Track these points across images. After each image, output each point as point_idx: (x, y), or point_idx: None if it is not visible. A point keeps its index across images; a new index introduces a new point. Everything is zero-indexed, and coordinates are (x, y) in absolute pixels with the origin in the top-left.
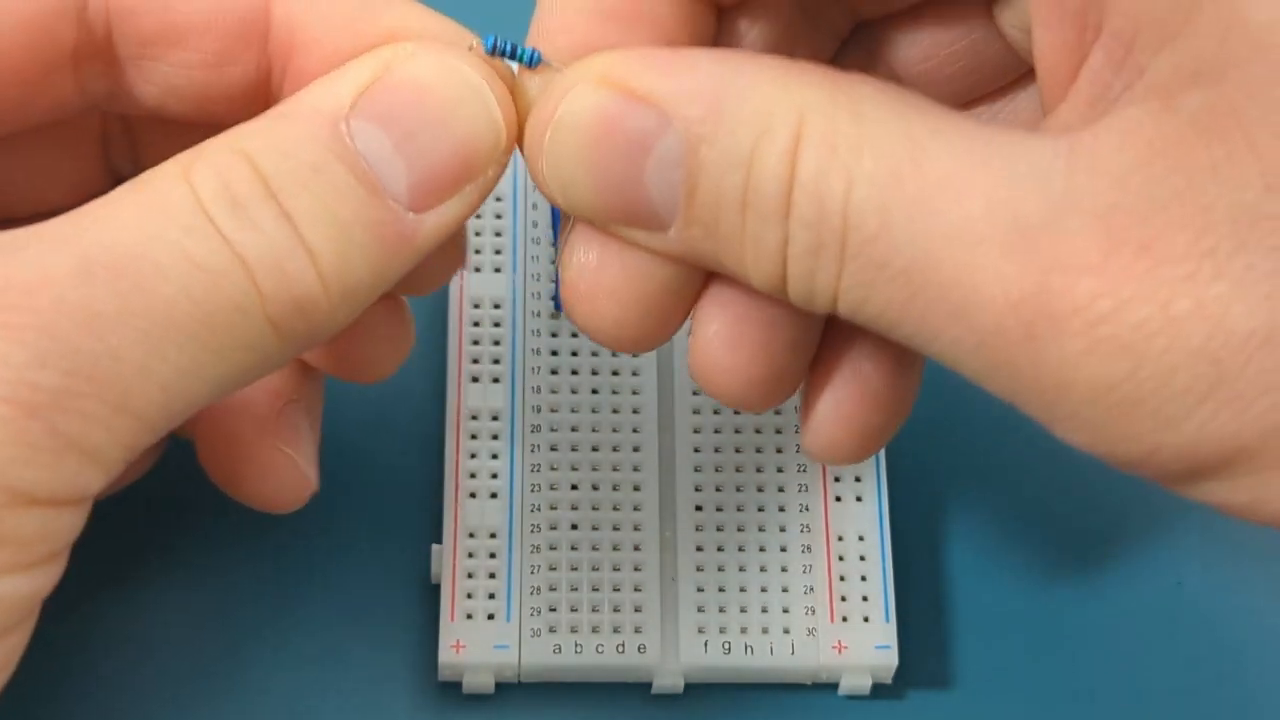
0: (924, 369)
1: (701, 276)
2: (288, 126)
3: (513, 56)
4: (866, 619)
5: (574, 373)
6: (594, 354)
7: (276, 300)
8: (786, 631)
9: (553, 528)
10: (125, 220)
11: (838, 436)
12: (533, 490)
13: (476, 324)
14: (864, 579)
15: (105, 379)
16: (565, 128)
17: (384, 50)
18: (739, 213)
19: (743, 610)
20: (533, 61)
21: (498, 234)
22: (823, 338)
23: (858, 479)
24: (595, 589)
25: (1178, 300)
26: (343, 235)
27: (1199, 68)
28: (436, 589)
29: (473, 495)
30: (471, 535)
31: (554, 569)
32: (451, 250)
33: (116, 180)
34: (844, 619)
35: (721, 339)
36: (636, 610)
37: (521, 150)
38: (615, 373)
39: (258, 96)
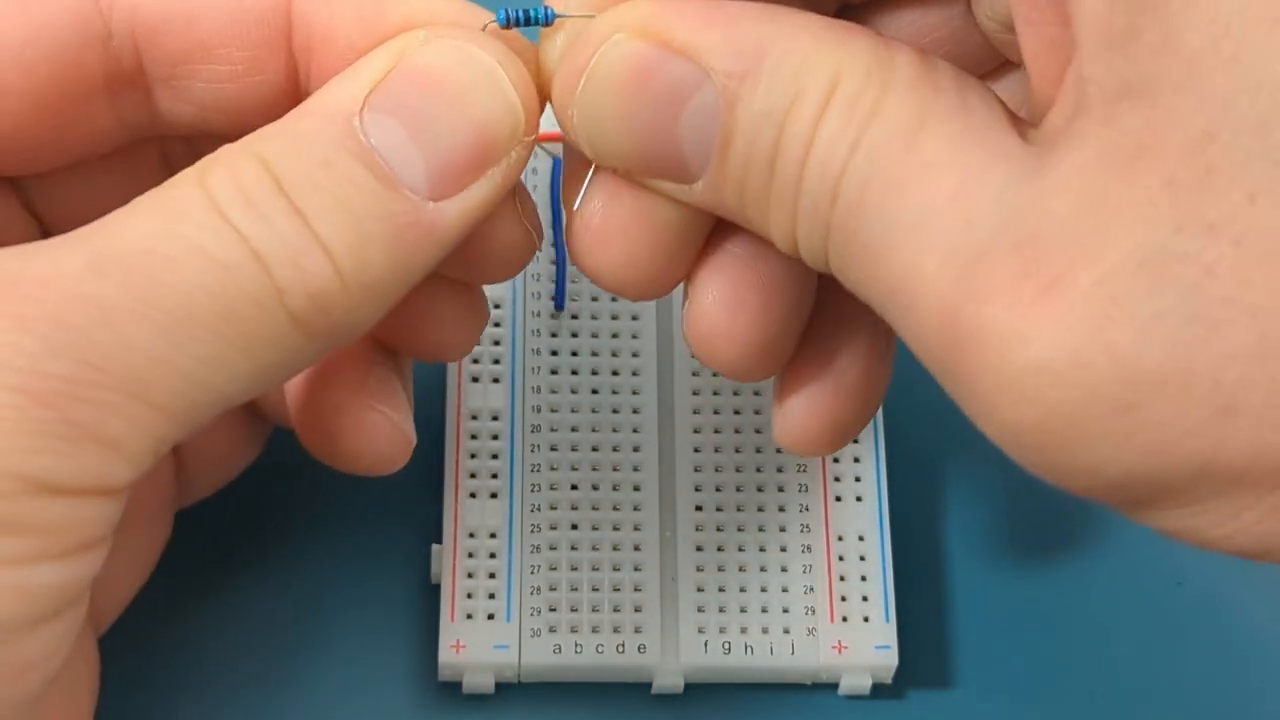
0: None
1: (712, 222)
2: (301, 126)
3: (528, 23)
4: (866, 619)
5: (574, 373)
6: (594, 354)
7: (294, 295)
8: (786, 631)
9: (553, 528)
10: (139, 221)
11: (810, 428)
12: (533, 490)
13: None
14: (864, 579)
15: (120, 369)
16: (599, 77)
17: (397, 40)
18: (767, 171)
19: (743, 610)
20: (549, 19)
21: None
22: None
23: (858, 479)
24: (595, 589)
25: (1085, 348)
26: (357, 229)
27: (1135, 84)
28: (436, 589)
29: (473, 495)
30: (471, 535)
31: (554, 569)
32: (515, 232)
33: None
34: (844, 619)
35: (720, 304)
36: (636, 610)
37: (551, 101)
38: (615, 373)
39: (291, 100)
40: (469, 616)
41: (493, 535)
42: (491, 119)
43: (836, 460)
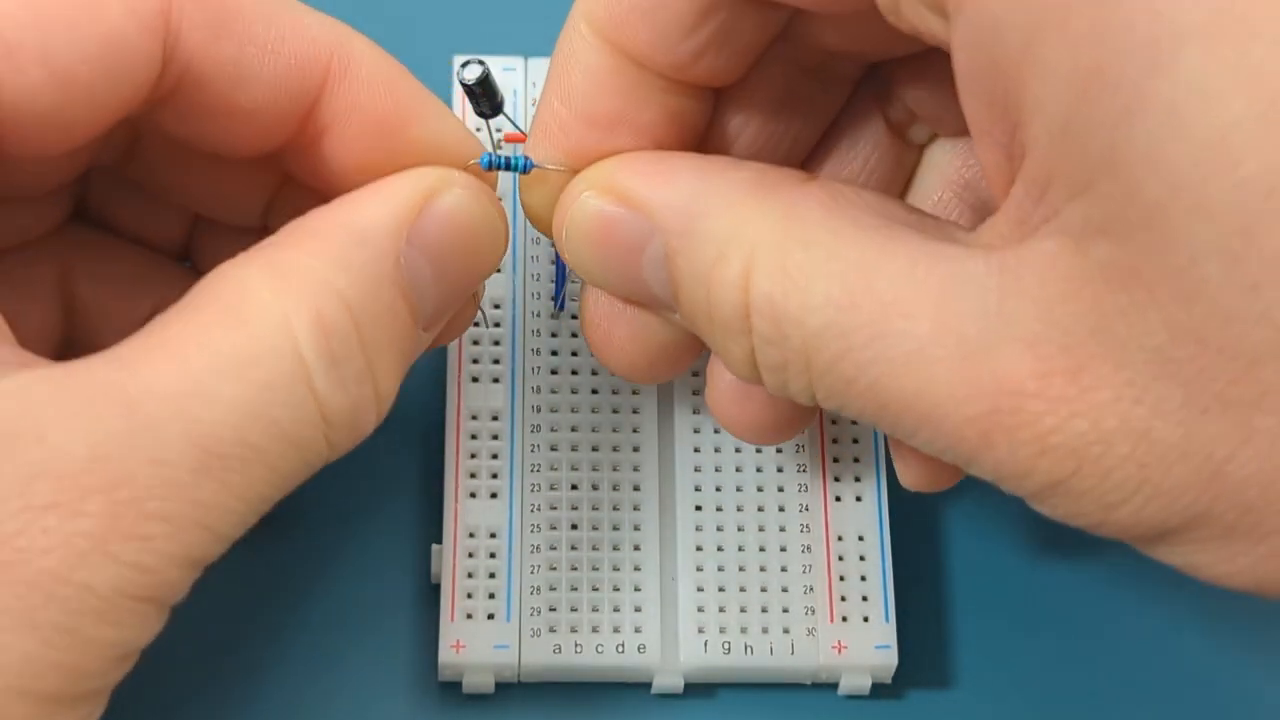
0: None
1: None
2: (361, 258)
3: (508, 168)
4: (866, 619)
5: (574, 373)
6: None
7: (341, 440)
8: (786, 631)
9: (552, 527)
10: (230, 389)
11: (924, 473)
12: (533, 490)
13: (476, 324)
14: (864, 579)
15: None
16: (575, 229)
17: (426, 176)
18: (709, 321)
19: (742, 610)
20: (527, 169)
21: None
22: None
23: (858, 479)
24: (595, 589)
25: (1106, 419)
26: (397, 367)
27: (1104, 225)
28: (437, 589)
29: (473, 495)
30: (471, 535)
31: (554, 569)
32: (465, 317)
33: None
34: (844, 619)
35: (731, 394)
36: (636, 610)
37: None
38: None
39: (278, 146)
40: (469, 616)
41: (493, 535)
42: (491, 268)
43: (836, 460)
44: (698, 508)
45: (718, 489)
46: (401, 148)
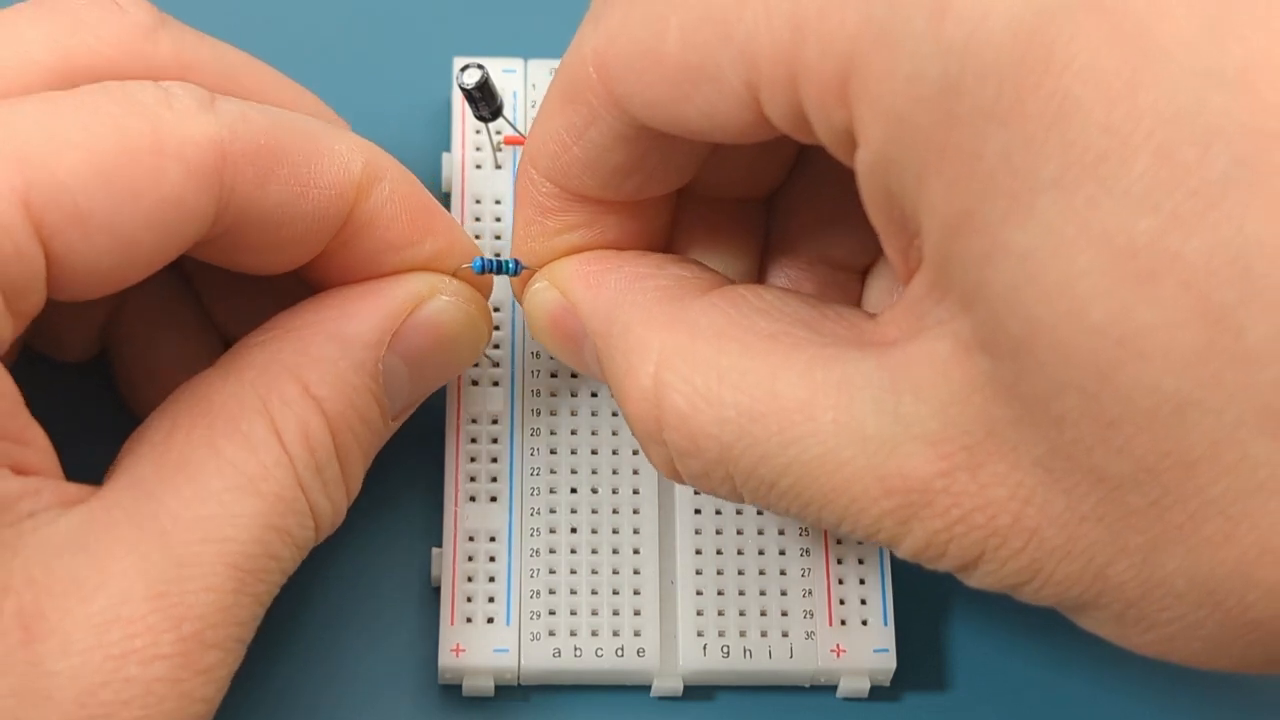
0: None
1: None
2: (340, 368)
3: (499, 271)
4: (865, 622)
5: (573, 376)
6: None
7: (322, 537)
8: (785, 635)
9: (552, 531)
10: (251, 509)
11: None
12: (532, 494)
13: None
14: (862, 582)
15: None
16: (531, 313)
17: (416, 282)
18: (629, 423)
19: (742, 613)
20: (517, 271)
21: (497, 236)
22: None
23: None
24: (595, 592)
25: (1001, 516)
26: (366, 466)
27: (984, 343)
28: (437, 592)
29: (472, 499)
30: (471, 538)
31: (553, 572)
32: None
33: None
34: (842, 622)
35: None
36: (636, 613)
37: None
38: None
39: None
40: (469, 620)
41: (492, 539)
42: (467, 363)
43: None
44: (697, 511)
45: None
46: (411, 260)
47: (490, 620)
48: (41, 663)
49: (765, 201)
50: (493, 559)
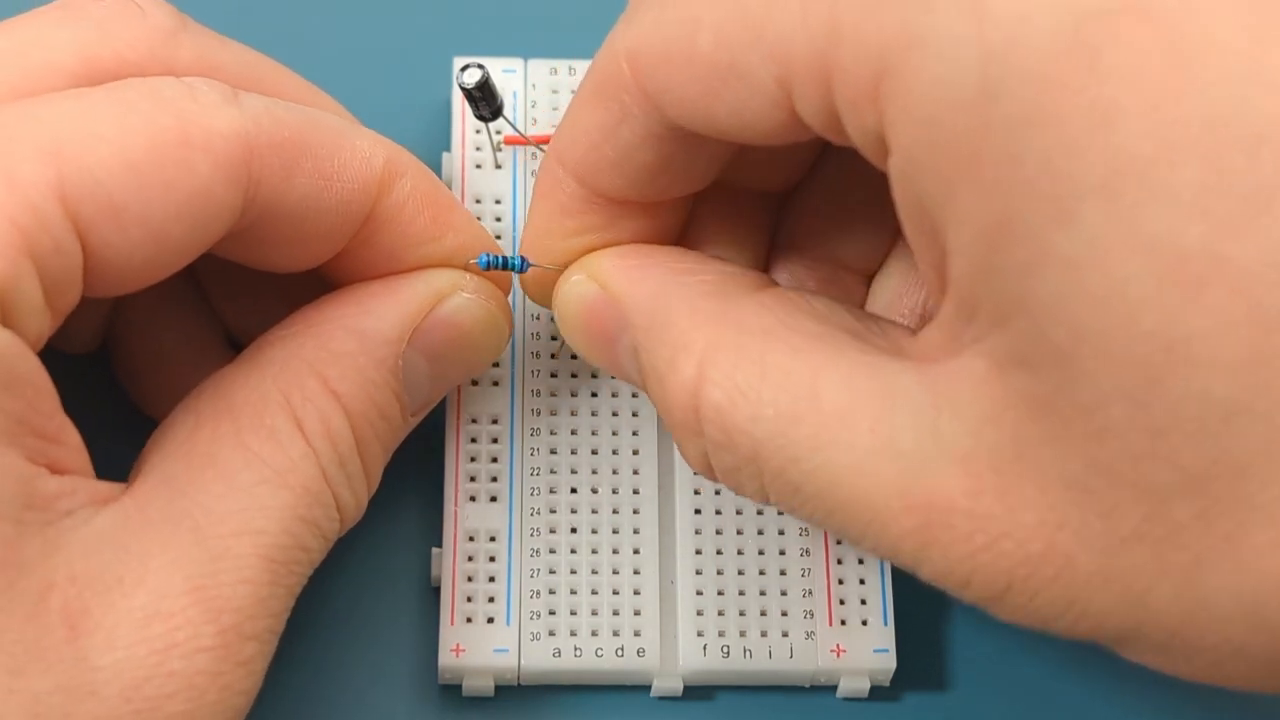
0: None
1: None
2: (361, 364)
3: (506, 267)
4: (865, 622)
5: (573, 375)
6: None
7: (345, 529)
8: (785, 635)
9: (552, 531)
10: (281, 501)
11: None
12: (532, 493)
13: None
14: (862, 582)
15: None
16: (564, 309)
17: (438, 278)
18: (667, 418)
19: (742, 613)
20: (523, 268)
21: (498, 236)
22: None
23: None
24: (594, 592)
25: (1032, 542)
26: (385, 460)
27: (1021, 358)
28: (436, 592)
29: (472, 498)
30: (471, 538)
31: (553, 572)
32: None
33: None
34: (842, 622)
35: None
36: (636, 613)
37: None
38: (614, 376)
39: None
40: (469, 620)
41: (492, 538)
42: (488, 362)
43: None
44: (697, 511)
45: (717, 492)
46: (431, 256)
47: (490, 620)
48: (87, 658)
49: (779, 195)
50: (493, 559)
